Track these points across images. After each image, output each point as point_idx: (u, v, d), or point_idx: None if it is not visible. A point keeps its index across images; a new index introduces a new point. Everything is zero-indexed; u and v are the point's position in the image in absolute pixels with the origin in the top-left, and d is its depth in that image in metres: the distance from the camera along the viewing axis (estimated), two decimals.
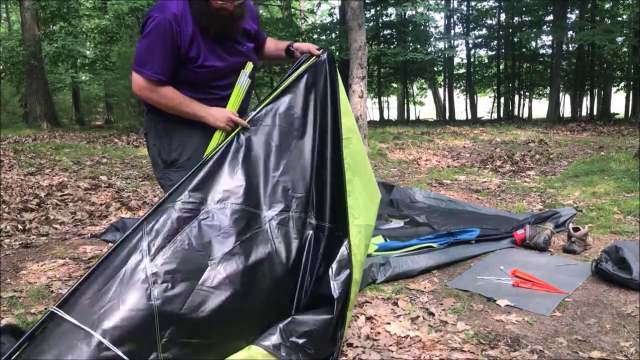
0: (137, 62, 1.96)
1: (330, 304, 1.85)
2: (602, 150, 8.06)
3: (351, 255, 1.90)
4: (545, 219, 3.77)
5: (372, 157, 7.50)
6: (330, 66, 2.07)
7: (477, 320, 2.36)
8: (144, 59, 1.94)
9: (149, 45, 1.93)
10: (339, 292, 1.87)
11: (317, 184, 1.97)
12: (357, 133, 2.11)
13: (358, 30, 7.64)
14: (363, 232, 1.98)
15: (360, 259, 1.96)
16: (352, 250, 1.90)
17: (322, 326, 1.83)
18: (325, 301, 1.87)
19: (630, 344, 2.12)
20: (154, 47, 1.92)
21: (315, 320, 1.83)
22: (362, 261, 1.99)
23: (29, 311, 2.51)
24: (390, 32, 20.44)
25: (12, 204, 4.61)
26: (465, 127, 12.63)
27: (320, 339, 1.85)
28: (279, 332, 1.79)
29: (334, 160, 1.98)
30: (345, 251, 1.90)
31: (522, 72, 21.63)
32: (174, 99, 1.98)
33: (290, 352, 1.77)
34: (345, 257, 1.90)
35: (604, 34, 13.63)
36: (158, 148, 2.10)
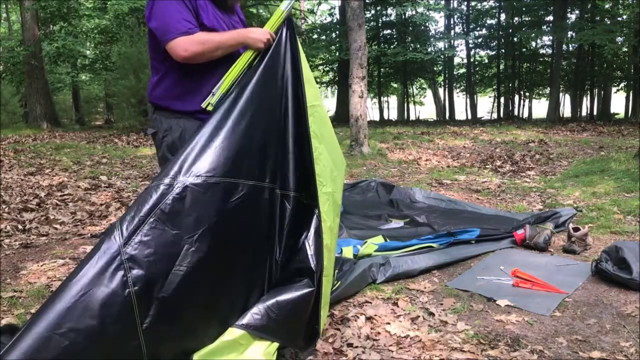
0: (164, 32, 1.92)
1: (307, 277, 1.82)
2: (602, 150, 8.06)
3: (321, 224, 1.87)
4: (545, 219, 3.77)
5: (372, 157, 7.50)
6: (290, 33, 2.04)
7: (477, 320, 2.36)
8: (169, 24, 1.91)
9: (166, 10, 1.92)
10: (317, 263, 1.83)
11: (281, 151, 1.93)
12: (320, 101, 2.09)
13: (358, 30, 7.64)
14: (331, 200, 1.95)
15: (330, 225, 1.93)
16: (322, 217, 1.87)
17: (304, 301, 1.80)
18: (302, 274, 1.84)
19: (630, 344, 2.12)
20: (171, 9, 1.91)
21: (296, 295, 1.79)
22: (332, 228, 1.96)
23: (29, 311, 2.52)
24: (390, 32, 20.44)
25: (12, 204, 4.61)
26: (465, 127, 12.63)
27: (303, 314, 1.83)
28: (259, 311, 1.75)
29: (299, 128, 1.95)
30: (317, 221, 1.87)
31: (522, 72, 21.62)
32: (214, 41, 1.94)
33: (273, 330, 1.75)
34: (318, 227, 1.87)
35: (604, 34, 13.63)
36: (168, 144, 2.10)
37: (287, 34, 2.02)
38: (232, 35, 1.98)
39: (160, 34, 1.93)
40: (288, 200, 1.92)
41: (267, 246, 1.88)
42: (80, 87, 20.15)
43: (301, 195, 1.93)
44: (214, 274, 1.71)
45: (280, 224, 1.90)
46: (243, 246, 1.81)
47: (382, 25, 20.10)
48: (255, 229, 1.84)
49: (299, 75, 1.98)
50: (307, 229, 1.88)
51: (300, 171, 1.93)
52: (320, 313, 1.90)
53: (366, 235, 3.55)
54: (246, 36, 1.98)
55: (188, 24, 1.91)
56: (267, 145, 1.89)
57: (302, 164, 1.93)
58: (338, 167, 2.10)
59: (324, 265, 1.87)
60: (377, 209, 4.31)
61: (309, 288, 1.81)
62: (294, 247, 1.89)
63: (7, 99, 16.39)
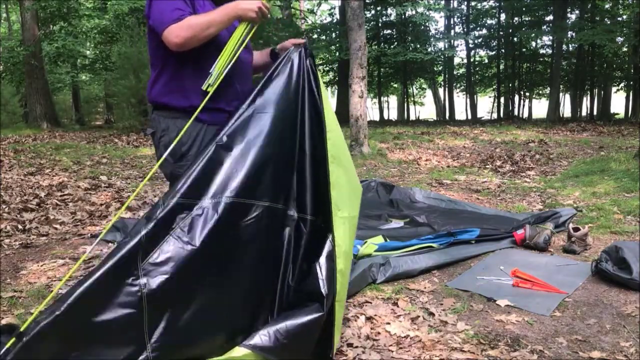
0: (159, 25, 1.92)
1: (318, 302, 1.83)
2: (602, 150, 8.06)
3: (335, 249, 1.87)
4: (545, 219, 3.77)
5: (372, 157, 7.50)
6: (309, 58, 2.05)
7: (477, 320, 2.36)
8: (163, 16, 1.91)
9: (162, 4, 1.92)
10: (328, 288, 1.84)
11: (299, 175, 1.95)
12: (338, 126, 2.10)
13: (358, 30, 7.64)
14: (348, 224, 1.96)
15: (345, 250, 1.94)
16: (337, 242, 1.88)
17: (313, 325, 1.81)
18: (312, 299, 1.84)
19: (630, 344, 2.12)
20: (167, 2, 1.92)
21: (305, 320, 1.80)
22: (347, 252, 1.96)
23: (29, 311, 2.52)
24: (390, 32, 20.44)
25: (12, 204, 4.61)
26: (465, 127, 12.63)
27: (311, 338, 1.83)
28: (267, 333, 1.76)
29: (317, 152, 1.96)
30: (330, 245, 1.88)
31: (522, 72, 21.62)
32: (203, 21, 1.91)
33: (279, 352, 1.76)
34: (331, 252, 1.88)
35: (604, 34, 13.63)
36: (165, 143, 2.10)
37: (306, 61, 2.02)
38: (221, 11, 1.93)
39: (157, 27, 1.94)
40: (305, 224, 1.94)
41: (279, 268, 1.89)
42: (80, 87, 20.14)
43: (317, 219, 1.95)
44: (224, 292, 1.74)
45: (295, 247, 1.92)
46: (255, 266, 1.83)
47: (382, 25, 20.10)
48: (268, 251, 1.87)
49: (317, 100, 2.00)
50: (320, 253, 1.88)
51: (318, 195, 1.95)
52: (333, 339, 1.90)
53: (366, 235, 3.54)
54: (236, 8, 1.94)
55: (179, 12, 1.90)
56: (283, 168, 1.92)
57: (320, 188, 1.94)
58: (355, 192, 2.11)
59: (337, 290, 1.87)
60: (377, 209, 4.31)
61: (318, 313, 1.81)
62: (307, 270, 1.90)
63: (7, 99, 16.38)
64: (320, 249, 1.88)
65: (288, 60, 2.01)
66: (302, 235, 1.93)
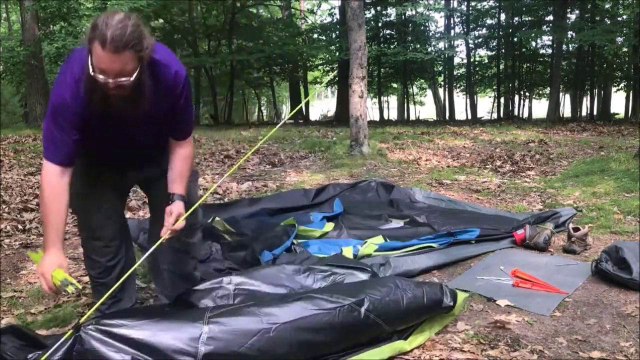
0: (44, 146, 1.90)
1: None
2: (602, 150, 8.06)
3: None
4: (545, 219, 3.77)
5: (372, 157, 7.50)
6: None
7: (477, 320, 2.36)
8: (47, 143, 1.88)
9: (49, 128, 1.87)
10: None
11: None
12: None
13: (358, 30, 7.64)
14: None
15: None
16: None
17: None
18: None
19: (630, 344, 2.12)
20: (53, 130, 1.86)
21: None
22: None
23: (29, 311, 2.52)
24: (390, 32, 20.43)
25: (12, 204, 4.61)
26: (465, 127, 12.62)
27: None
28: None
29: None
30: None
31: (522, 72, 21.62)
32: (42, 204, 1.86)
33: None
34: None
35: (604, 34, 13.62)
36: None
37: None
38: (45, 233, 1.86)
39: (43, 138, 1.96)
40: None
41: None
42: None
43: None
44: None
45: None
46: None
47: (382, 25, 20.10)
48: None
49: None
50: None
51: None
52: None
53: (366, 235, 3.54)
54: (44, 253, 1.83)
55: (58, 159, 1.88)
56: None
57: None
58: None
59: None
60: (377, 209, 4.30)
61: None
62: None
63: (7, 99, 16.41)
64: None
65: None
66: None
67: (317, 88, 26.95)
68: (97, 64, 1.69)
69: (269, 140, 9.63)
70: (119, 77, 1.70)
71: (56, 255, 1.80)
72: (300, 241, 3.36)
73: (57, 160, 1.85)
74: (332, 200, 4.39)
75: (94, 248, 2.22)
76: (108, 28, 1.65)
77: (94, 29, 1.67)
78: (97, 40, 1.65)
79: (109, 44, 1.64)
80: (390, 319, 2.00)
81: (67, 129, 1.84)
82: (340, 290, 2.09)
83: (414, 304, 2.08)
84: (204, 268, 2.91)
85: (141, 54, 1.73)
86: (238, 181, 5.91)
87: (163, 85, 1.90)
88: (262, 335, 1.76)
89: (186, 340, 1.70)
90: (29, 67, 13.91)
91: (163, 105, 1.95)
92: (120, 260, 2.27)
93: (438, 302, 2.15)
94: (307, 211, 4.16)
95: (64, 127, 1.84)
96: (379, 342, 2.00)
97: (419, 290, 2.13)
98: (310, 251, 3.15)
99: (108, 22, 1.66)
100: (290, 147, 8.83)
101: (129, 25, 1.68)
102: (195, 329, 1.73)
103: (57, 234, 1.83)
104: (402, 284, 2.14)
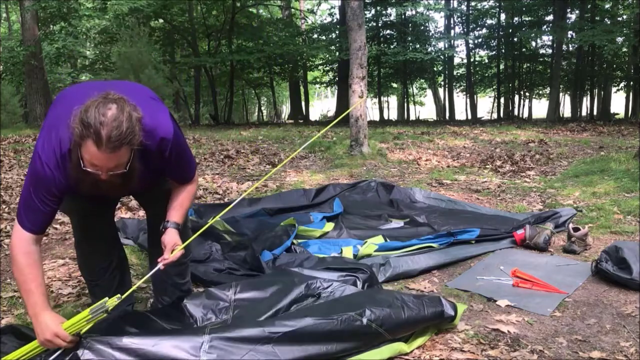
0: (19, 211, 1.83)
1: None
2: (602, 150, 8.06)
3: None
4: (545, 219, 3.77)
5: (372, 157, 7.50)
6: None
7: (477, 320, 2.36)
8: (24, 209, 1.81)
9: (27, 195, 1.79)
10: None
11: None
12: None
13: (358, 30, 7.64)
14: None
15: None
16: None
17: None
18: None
19: (630, 344, 2.12)
20: (31, 197, 1.78)
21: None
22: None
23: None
24: (390, 32, 20.44)
25: (12, 204, 4.61)
26: (465, 127, 12.62)
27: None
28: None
29: None
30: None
31: (522, 72, 21.62)
32: (21, 272, 1.75)
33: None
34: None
35: (604, 34, 13.62)
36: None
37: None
38: (27, 302, 1.73)
39: (20, 203, 1.88)
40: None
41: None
42: None
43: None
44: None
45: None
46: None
47: (382, 25, 20.10)
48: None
49: None
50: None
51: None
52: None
53: (366, 235, 3.55)
54: (35, 320, 1.70)
55: (33, 227, 1.82)
56: None
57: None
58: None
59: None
60: (377, 209, 4.31)
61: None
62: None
63: (7, 99, 16.37)
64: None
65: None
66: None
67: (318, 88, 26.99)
68: (89, 160, 1.61)
69: (269, 140, 9.63)
70: (112, 171, 1.65)
71: (52, 315, 1.72)
72: (300, 241, 3.36)
73: (32, 229, 1.78)
74: (332, 200, 4.39)
75: (86, 250, 2.22)
76: (103, 127, 1.54)
77: (86, 127, 1.55)
78: (91, 140, 1.56)
79: (105, 145, 1.56)
80: (391, 329, 2.01)
81: (48, 201, 1.77)
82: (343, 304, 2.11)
83: (415, 317, 2.09)
84: (203, 268, 2.91)
85: (135, 146, 1.65)
86: (238, 181, 5.91)
87: (149, 154, 1.80)
88: (263, 344, 1.77)
89: (188, 348, 1.71)
90: (29, 67, 13.92)
91: (150, 172, 1.88)
92: (113, 260, 2.26)
93: (439, 313, 2.15)
94: (307, 211, 4.16)
95: (44, 199, 1.76)
96: (379, 344, 2.00)
97: (419, 302, 2.14)
98: (310, 251, 3.15)
99: (102, 120, 1.55)
100: (290, 147, 8.83)
101: (124, 121, 1.57)
102: (197, 337, 1.74)
103: (44, 299, 1.74)
104: (403, 297, 2.16)
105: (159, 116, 1.84)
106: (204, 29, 18.38)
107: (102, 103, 1.59)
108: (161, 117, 1.85)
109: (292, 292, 2.25)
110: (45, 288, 1.77)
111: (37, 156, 1.74)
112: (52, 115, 1.81)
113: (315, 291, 2.28)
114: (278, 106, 26.51)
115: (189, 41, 18.12)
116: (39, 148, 1.75)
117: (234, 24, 17.60)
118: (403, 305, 2.08)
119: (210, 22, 18.64)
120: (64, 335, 1.66)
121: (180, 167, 1.98)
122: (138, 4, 12.09)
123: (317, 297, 2.26)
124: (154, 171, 1.91)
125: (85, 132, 1.56)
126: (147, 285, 2.85)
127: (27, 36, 13.68)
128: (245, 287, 2.33)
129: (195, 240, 2.97)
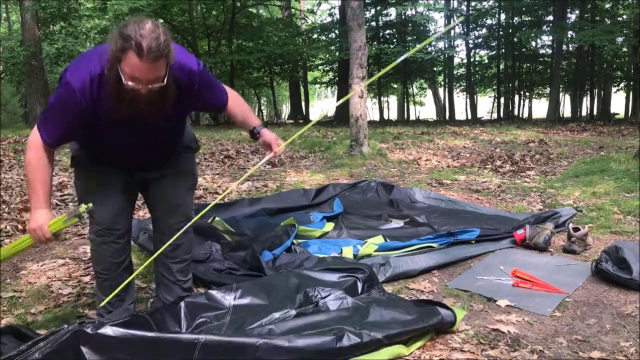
0: (41, 118, 1.94)
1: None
2: (602, 150, 8.06)
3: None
4: (545, 219, 3.77)
5: (372, 157, 7.50)
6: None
7: (477, 320, 2.36)
8: (44, 120, 1.92)
9: (51, 111, 1.90)
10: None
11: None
12: None
13: (358, 30, 7.64)
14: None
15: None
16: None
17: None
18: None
19: (630, 344, 2.12)
20: (54, 115, 1.90)
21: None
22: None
23: (29, 311, 2.52)
24: (390, 32, 20.44)
25: (12, 204, 4.61)
26: (465, 127, 12.62)
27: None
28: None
29: None
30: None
31: (522, 72, 21.62)
32: (31, 171, 1.92)
33: None
34: None
35: (604, 34, 13.61)
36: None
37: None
38: (31, 195, 1.94)
39: (42, 116, 1.99)
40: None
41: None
42: None
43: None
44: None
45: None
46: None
47: (382, 25, 20.10)
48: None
49: None
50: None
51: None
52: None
53: (366, 235, 3.55)
54: (32, 213, 1.93)
55: (47, 132, 1.94)
56: None
57: None
58: None
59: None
60: (377, 209, 4.30)
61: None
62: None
63: (7, 99, 16.40)
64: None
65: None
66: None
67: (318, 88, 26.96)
68: (130, 73, 1.71)
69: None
70: (152, 84, 1.74)
71: (47, 212, 1.92)
72: (300, 241, 3.36)
73: (48, 140, 1.90)
74: (332, 200, 4.39)
75: (103, 242, 2.22)
76: (143, 38, 1.65)
77: (126, 39, 1.66)
78: (132, 51, 1.66)
79: (147, 55, 1.66)
80: (389, 337, 2.01)
81: (67, 119, 1.88)
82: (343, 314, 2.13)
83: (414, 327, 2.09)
84: (203, 268, 2.91)
85: (170, 60, 1.77)
86: (237, 180, 5.91)
87: (179, 85, 1.91)
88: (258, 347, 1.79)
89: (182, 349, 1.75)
90: (29, 67, 13.91)
91: (182, 103, 1.99)
92: (125, 259, 2.28)
93: (438, 321, 2.15)
94: (307, 211, 4.16)
95: (65, 117, 1.88)
96: (378, 348, 2.00)
97: (420, 310, 2.15)
98: (310, 251, 3.15)
99: (142, 33, 1.66)
100: (290, 147, 8.83)
101: (161, 33, 1.69)
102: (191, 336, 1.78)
103: (45, 198, 1.92)
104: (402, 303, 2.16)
105: (186, 54, 1.97)
106: (204, 29, 18.38)
107: (138, 20, 1.72)
108: (187, 54, 1.98)
109: (291, 300, 2.28)
110: (49, 188, 1.94)
111: (65, 81, 1.83)
112: (82, 55, 1.96)
113: (312, 299, 2.29)
114: (278, 106, 26.50)
115: (189, 41, 18.12)
116: (67, 76, 1.83)
117: (234, 24, 17.60)
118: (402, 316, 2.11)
119: (210, 22, 18.64)
120: (45, 230, 1.89)
121: (214, 92, 2.13)
122: (138, 4, 12.08)
123: (315, 304, 2.26)
124: (185, 104, 2.02)
125: (126, 45, 1.67)
126: (147, 285, 2.85)
127: (27, 36, 13.67)
128: (245, 293, 2.32)
129: (196, 240, 2.98)
